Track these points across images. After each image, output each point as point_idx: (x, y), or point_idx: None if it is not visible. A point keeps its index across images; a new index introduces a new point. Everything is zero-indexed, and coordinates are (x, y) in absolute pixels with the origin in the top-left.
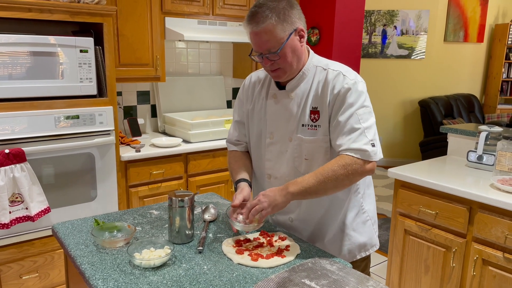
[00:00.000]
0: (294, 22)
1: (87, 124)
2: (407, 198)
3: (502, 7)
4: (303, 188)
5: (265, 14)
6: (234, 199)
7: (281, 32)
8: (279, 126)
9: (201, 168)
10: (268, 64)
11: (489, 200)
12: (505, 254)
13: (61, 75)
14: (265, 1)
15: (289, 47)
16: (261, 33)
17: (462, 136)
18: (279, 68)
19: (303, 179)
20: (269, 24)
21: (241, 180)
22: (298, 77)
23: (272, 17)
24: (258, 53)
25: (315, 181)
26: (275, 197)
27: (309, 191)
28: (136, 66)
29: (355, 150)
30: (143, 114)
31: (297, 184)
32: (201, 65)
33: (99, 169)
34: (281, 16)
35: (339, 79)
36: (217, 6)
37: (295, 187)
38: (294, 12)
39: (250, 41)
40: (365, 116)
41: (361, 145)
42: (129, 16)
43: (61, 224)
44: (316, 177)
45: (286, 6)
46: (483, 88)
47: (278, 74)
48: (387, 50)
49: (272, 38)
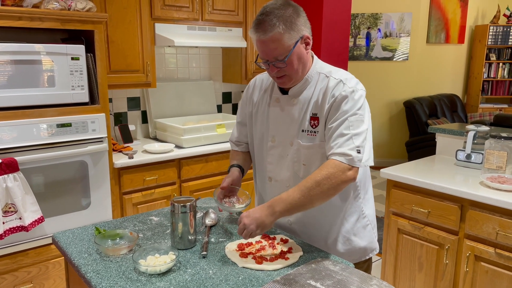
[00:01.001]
0: (300, 29)
1: (79, 132)
2: (399, 198)
3: (481, 9)
4: (290, 205)
5: (272, 23)
6: (223, 182)
7: (288, 40)
8: (280, 130)
9: (194, 173)
10: (275, 71)
11: (479, 198)
12: (497, 250)
13: (52, 83)
14: (272, 9)
15: (295, 54)
16: (269, 41)
17: (450, 135)
18: (285, 75)
19: (288, 195)
20: (276, 33)
21: (233, 166)
22: (301, 83)
23: (280, 26)
24: (264, 60)
25: (301, 196)
26: (262, 218)
27: (296, 207)
28: (126, 73)
29: (339, 154)
30: (134, 120)
31: (282, 201)
32: (190, 70)
33: (92, 177)
34: (288, 24)
35: (339, 87)
36: (206, 11)
37: (281, 205)
38: (301, 19)
39: (257, 48)
40: (356, 123)
41: (345, 149)
42: (119, 23)
43: (62, 233)
44: (300, 192)
45: (293, 14)
46: (465, 88)
47: (284, 81)
48: (371, 53)
49: (279, 47)
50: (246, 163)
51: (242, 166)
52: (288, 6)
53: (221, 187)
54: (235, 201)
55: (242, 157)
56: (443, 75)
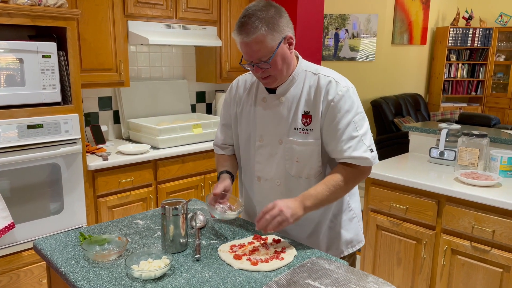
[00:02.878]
0: (283, 30)
1: (51, 133)
2: (378, 195)
3: (441, 11)
4: (318, 201)
5: (255, 25)
6: (216, 188)
7: (271, 42)
8: (269, 129)
9: (171, 174)
10: (259, 72)
11: (455, 193)
12: (472, 243)
13: (22, 82)
14: (254, 11)
15: (279, 55)
16: (252, 43)
17: (423, 134)
18: (269, 75)
19: (317, 191)
20: (259, 34)
21: (224, 172)
22: (288, 82)
23: (262, 28)
24: (248, 61)
25: (329, 193)
26: (296, 209)
27: (323, 202)
28: (99, 71)
29: (357, 159)
30: (105, 120)
31: (312, 197)
32: (163, 69)
33: (65, 180)
34: (271, 26)
35: (332, 85)
36: (181, 9)
37: (311, 200)
38: (283, 20)
39: (240, 50)
40: (361, 122)
41: (361, 153)
42: (91, 20)
43: (43, 240)
44: (329, 189)
45: (275, 15)
46: (427, 87)
47: (269, 81)
48: (340, 53)
49: (263, 48)
50: (234, 169)
51: (232, 172)
52: (270, 7)
53: (214, 193)
54: (227, 208)
55: (230, 163)
56: (407, 75)
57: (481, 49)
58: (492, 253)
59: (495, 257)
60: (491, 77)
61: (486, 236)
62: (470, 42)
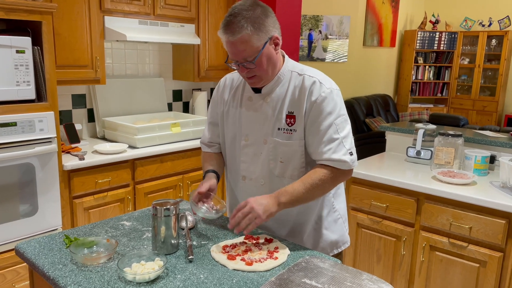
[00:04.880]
0: (269, 30)
1: (25, 132)
2: (358, 193)
3: (409, 15)
4: (294, 198)
5: (240, 24)
6: (201, 186)
7: (257, 42)
8: (254, 128)
9: (149, 174)
10: (245, 71)
11: (434, 191)
12: (450, 239)
13: None
14: (240, 10)
15: (264, 55)
16: (237, 43)
17: (399, 133)
18: (255, 75)
19: (293, 188)
20: (244, 34)
21: (209, 171)
22: (274, 81)
23: (248, 27)
24: (234, 61)
25: (305, 190)
26: (269, 206)
27: (299, 200)
28: (74, 68)
29: (336, 161)
30: (79, 119)
31: (287, 193)
32: (139, 66)
33: (39, 181)
34: (256, 26)
35: (316, 86)
36: (159, 6)
37: (286, 197)
38: (269, 20)
39: (226, 49)
40: (342, 125)
41: (340, 155)
42: (66, 14)
43: (26, 244)
44: (305, 186)
45: (261, 15)
46: (396, 88)
47: (254, 81)
48: (313, 53)
49: (248, 48)
50: (220, 168)
51: (217, 171)
52: (257, 6)
53: (199, 191)
54: (209, 208)
55: (216, 161)
56: (378, 77)
57: (446, 52)
58: (469, 249)
59: (472, 253)
60: (455, 79)
61: (464, 233)
62: (437, 45)
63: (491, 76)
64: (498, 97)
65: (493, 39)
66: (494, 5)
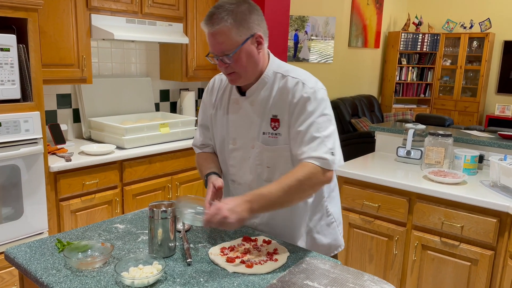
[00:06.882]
0: (252, 27)
1: (10, 133)
2: (351, 194)
3: (393, 17)
4: (269, 202)
5: (221, 16)
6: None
7: (236, 36)
8: (241, 132)
9: (137, 176)
10: (223, 66)
11: (426, 191)
12: (442, 238)
13: None
14: (225, 3)
15: (244, 52)
16: (216, 34)
17: (389, 133)
18: (234, 72)
19: (269, 191)
20: (223, 26)
21: (211, 173)
22: (257, 84)
23: (228, 20)
24: (214, 54)
25: (281, 194)
26: (242, 213)
27: (274, 204)
28: (60, 67)
29: (316, 158)
30: (64, 119)
31: (262, 198)
32: (126, 66)
33: (25, 183)
34: (238, 20)
35: (298, 87)
36: (146, 4)
37: (260, 202)
38: (254, 17)
39: (207, 41)
40: (325, 124)
41: (321, 153)
42: (51, 12)
43: (16, 249)
44: (282, 189)
45: (245, 11)
46: (380, 89)
47: (233, 78)
48: (299, 54)
49: (226, 41)
50: (219, 169)
51: (218, 173)
52: (244, 3)
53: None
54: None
55: (214, 164)
56: (362, 77)
57: (429, 53)
58: (461, 248)
59: (463, 252)
60: (438, 80)
61: (455, 232)
62: (420, 47)
63: (473, 77)
64: (479, 98)
65: (474, 41)
66: (475, 7)
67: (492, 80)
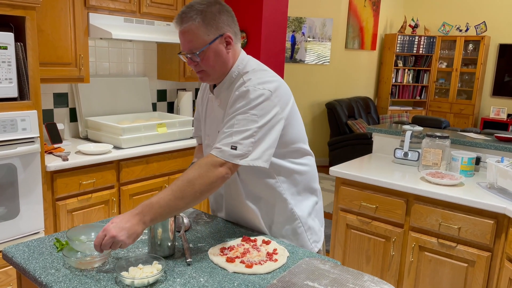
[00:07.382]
0: (221, 27)
1: (7, 131)
2: (348, 195)
3: (389, 19)
4: (161, 209)
5: (190, 15)
6: None
7: (204, 35)
8: (211, 129)
9: (134, 176)
10: (192, 64)
11: (424, 192)
12: (439, 240)
13: None
14: (195, 3)
15: (212, 51)
16: (185, 32)
17: (386, 135)
18: (202, 70)
19: (159, 198)
20: (191, 24)
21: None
22: (222, 83)
23: (197, 19)
24: (184, 52)
25: (173, 198)
26: (133, 228)
27: (168, 210)
28: (57, 66)
29: (215, 149)
30: (61, 118)
31: (152, 207)
32: (123, 65)
33: (21, 182)
34: (207, 20)
35: (240, 86)
36: (144, 4)
37: (151, 212)
38: (223, 18)
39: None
40: (243, 122)
41: (219, 144)
42: (49, 10)
43: (14, 248)
44: (173, 193)
45: (215, 11)
46: (376, 91)
47: (202, 76)
48: (296, 55)
49: (194, 39)
50: None
51: None
52: (215, 4)
53: None
54: None
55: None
56: (359, 79)
57: (425, 56)
58: (458, 249)
59: (460, 253)
60: (434, 83)
61: (452, 233)
62: (416, 49)
63: (468, 80)
64: (475, 101)
65: (470, 43)
66: (471, 10)
67: (487, 83)
